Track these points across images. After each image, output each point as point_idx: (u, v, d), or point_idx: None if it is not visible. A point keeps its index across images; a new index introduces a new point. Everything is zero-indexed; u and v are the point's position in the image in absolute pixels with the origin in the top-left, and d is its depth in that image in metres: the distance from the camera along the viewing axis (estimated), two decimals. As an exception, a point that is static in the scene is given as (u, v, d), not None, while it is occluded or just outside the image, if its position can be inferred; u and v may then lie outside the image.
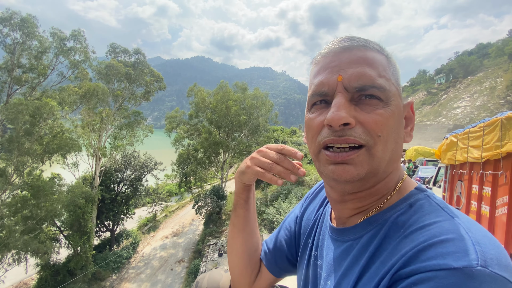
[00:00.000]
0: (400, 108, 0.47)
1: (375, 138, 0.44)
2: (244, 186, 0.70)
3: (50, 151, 13.28)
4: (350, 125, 0.44)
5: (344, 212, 0.55)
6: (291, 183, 13.79)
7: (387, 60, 0.48)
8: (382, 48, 0.49)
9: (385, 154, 0.45)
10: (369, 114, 0.44)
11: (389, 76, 0.46)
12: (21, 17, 12.79)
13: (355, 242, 0.50)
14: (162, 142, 30.08)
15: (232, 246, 0.76)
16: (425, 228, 0.40)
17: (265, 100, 23.17)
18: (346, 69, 0.45)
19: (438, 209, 0.43)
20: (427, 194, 0.48)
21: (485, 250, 0.34)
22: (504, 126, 2.38)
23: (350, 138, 0.44)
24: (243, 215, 0.73)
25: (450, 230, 0.37)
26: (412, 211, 0.45)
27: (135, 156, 21.07)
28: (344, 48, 0.47)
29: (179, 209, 27.86)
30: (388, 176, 0.49)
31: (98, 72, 17.62)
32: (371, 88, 0.44)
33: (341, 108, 0.44)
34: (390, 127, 0.45)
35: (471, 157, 3.02)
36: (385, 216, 0.47)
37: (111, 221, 19.46)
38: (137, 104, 20.45)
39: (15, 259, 12.09)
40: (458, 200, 3.70)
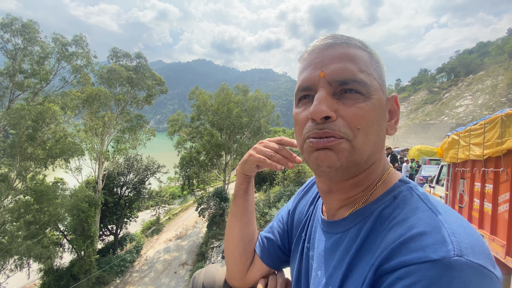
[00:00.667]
0: (382, 102, 0.49)
1: (354, 131, 0.46)
2: (244, 177, 0.75)
3: (53, 156, 13.35)
4: (331, 118, 0.46)
5: (332, 203, 0.57)
6: (294, 184, 13.92)
7: (369, 56, 0.50)
8: (365, 45, 0.51)
9: (366, 145, 0.47)
10: (350, 108, 0.46)
11: (370, 71, 0.48)
12: (22, 23, 12.89)
13: (344, 234, 0.52)
14: (165, 145, 30.17)
15: (229, 234, 0.79)
16: (406, 221, 0.42)
17: (266, 101, 23.22)
18: (328, 65, 0.48)
19: (419, 201, 0.45)
20: (409, 186, 0.49)
21: (460, 240, 0.36)
22: (504, 123, 2.36)
23: (330, 131, 0.46)
24: (241, 205, 0.77)
25: (428, 222, 0.39)
26: (395, 203, 0.47)
27: (138, 159, 21.15)
28: (327, 45, 0.50)
29: (182, 211, 27.88)
30: (370, 167, 0.51)
31: (100, 77, 17.73)
32: (352, 82, 0.46)
33: (322, 101, 0.46)
34: (370, 120, 0.47)
35: (473, 154, 3.00)
36: (371, 208, 0.49)
37: (114, 225, 19.50)
38: (139, 107, 20.57)
39: (17, 265, 11.99)
40: (461, 198, 3.67)
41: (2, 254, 10.68)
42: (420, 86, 79.28)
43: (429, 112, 56.52)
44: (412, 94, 77.96)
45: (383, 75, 0.51)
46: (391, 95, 0.53)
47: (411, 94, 79.38)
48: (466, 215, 3.36)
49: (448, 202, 4.15)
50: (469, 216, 3.29)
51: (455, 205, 3.78)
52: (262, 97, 23.05)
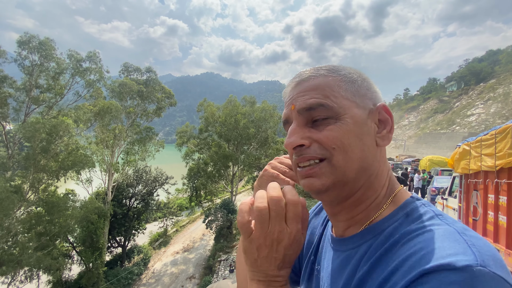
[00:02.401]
0: (358, 118, 0.50)
1: (330, 151, 0.48)
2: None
3: (65, 168, 13.65)
4: (305, 145, 0.50)
5: (339, 225, 0.57)
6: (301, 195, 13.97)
7: (338, 79, 0.52)
8: (333, 70, 0.54)
9: (348, 162, 0.48)
10: (321, 132, 0.49)
11: (338, 93, 0.51)
12: (39, 41, 13.54)
13: (353, 251, 0.51)
14: (173, 157, 30.47)
15: (241, 261, 0.79)
16: (422, 235, 0.41)
17: (273, 112, 23.33)
18: (297, 99, 0.52)
19: (434, 217, 0.45)
20: (422, 203, 0.49)
21: (481, 251, 0.36)
22: (516, 133, 2.31)
23: (307, 156, 0.50)
24: None
25: (446, 235, 0.39)
26: (409, 220, 0.47)
27: (147, 171, 21.35)
28: (296, 83, 0.55)
29: (189, 223, 27.75)
30: (365, 184, 0.51)
31: (111, 91, 18.27)
32: (318, 107, 0.49)
33: (291, 134, 0.51)
34: (345, 138, 0.48)
35: (485, 165, 2.91)
36: (383, 226, 0.49)
37: (122, 237, 19.51)
38: (149, 120, 20.99)
39: (27, 276, 12.12)
40: (475, 211, 3.54)
41: (13, 265, 10.79)
42: (430, 95, 78.23)
43: (439, 122, 55.55)
44: (422, 104, 77.03)
45: (363, 90, 0.53)
46: (377, 105, 0.53)
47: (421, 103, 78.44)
48: (481, 228, 3.22)
49: (462, 214, 4.00)
50: (484, 229, 3.15)
51: (469, 218, 3.64)
52: (269, 108, 23.21)
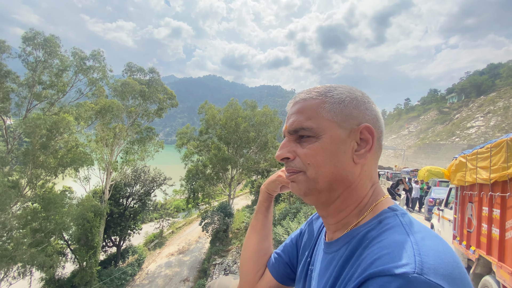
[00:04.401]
0: (336, 137, 0.57)
1: (306, 165, 0.57)
2: (268, 196, 0.90)
3: (64, 165, 13.63)
4: (289, 158, 0.60)
5: (330, 227, 0.64)
6: (300, 201, 13.79)
7: (321, 101, 0.59)
8: (322, 93, 0.60)
9: (320, 175, 0.57)
10: (303, 149, 0.58)
11: (320, 115, 0.58)
12: (44, 37, 13.59)
13: (336, 253, 0.58)
14: (172, 158, 30.45)
15: (247, 244, 0.89)
16: (381, 242, 0.47)
17: (274, 117, 23.42)
18: (288, 119, 0.62)
19: (399, 225, 0.50)
20: (395, 213, 0.55)
21: (425, 260, 0.40)
22: (510, 148, 2.34)
23: (290, 168, 0.60)
24: (261, 220, 0.89)
25: (398, 243, 0.44)
26: (379, 227, 0.52)
27: (145, 171, 21.27)
28: (292, 104, 0.64)
29: (186, 225, 27.60)
30: (342, 193, 0.59)
31: (114, 90, 18.30)
32: (301, 130, 0.58)
33: (282, 147, 0.61)
34: (320, 156, 0.56)
35: (480, 178, 2.95)
36: (358, 230, 0.55)
37: (118, 236, 19.35)
38: (149, 120, 21.00)
39: (20, 272, 11.99)
40: (470, 223, 3.56)
41: (7, 261, 10.70)
42: (430, 106, 78.46)
43: (439, 133, 55.67)
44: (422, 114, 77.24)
45: (348, 110, 0.58)
46: (360, 125, 0.58)
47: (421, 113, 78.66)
48: (475, 240, 3.24)
49: (457, 226, 4.02)
50: (478, 241, 3.17)
51: (464, 230, 3.66)
52: (270, 112, 23.30)
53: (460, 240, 3.91)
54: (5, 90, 12.74)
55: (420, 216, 12.03)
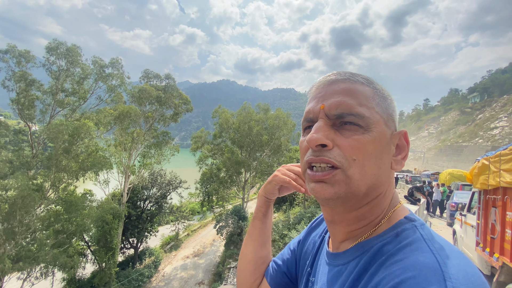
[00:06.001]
0: (385, 136, 0.50)
1: (349, 161, 0.47)
2: (265, 200, 0.81)
3: (85, 168, 14.15)
4: (327, 147, 0.48)
5: (337, 235, 0.57)
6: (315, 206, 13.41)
7: (372, 91, 0.52)
8: (369, 81, 0.53)
9: (363, 177, 0.47)
10: (347, 139, 0.48)
11: (371, 105, 0.50)
12: (67, 47, 14.32)
13: (344, 267, 0.52)
14: (187, 161, 30.95)
15: (243, 252, 0.84)
16: (403, 261, 0.40)
17: (287, 120, 23.32)
18: (328, 99, 0.51)
19: (420, 240, 0.44)
20: (414, 224, 0.48)
21: (456, 286, 0.35)
22: (535, 149, 2.21)
23: (325, 158, 0.48)
24: (259, 227, 0.82)
25: (424, 264, 0.38)
26: (397, 240, 0.46)
27: (162, 174, 21.67)
28: (331, 81, 0.53)
29: (201, 228, 27.84)
30: (373, 200, 0.51)
31: (131, 96, 18.89)
32: (349, 116, 0.48)
33: (318, 130, 0.49)
34: (368, 152, 0.47)
35: (504, 181, 2.79)
36: (372, 243, 0.49)
37: (135, 238, 19.76)
38: (165, 125, 21.47)
39: (43, 272, 12.38)
40: (493, 228, 3.38)
41: (30, 261, 11.18)
42: (451, 106, 75.65)
43: (461, 134, 53.35)
44: (443, 115, 74.47)
45: (390, 110, 0.53)
46: (399, 130, 0.53)
47: (441, 114, 75.89)
48: (498, 246, 3.05)
49: (480, 232, 3.81)
50: (501, 248, 2.98)
51: (487, 236, 3.46)
52: (283, 115, 23.23)
53: (483, 246, 3.70)
54: (30, 98, 13.50)
55: (441, 222, 11.52)
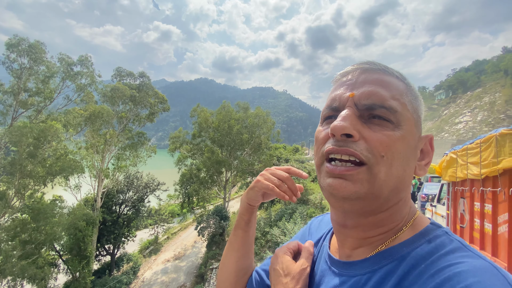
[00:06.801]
0: (414, 136, 0.46)
1: (377, 158, 0.42)
2: (248, 207, 0.74)
3: (53, 173, 13.31)
4: (353, 138, 0.43)
5: (347, 241, 0.52)
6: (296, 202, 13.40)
7: (406, 87, 0.48)
8: (403, 77, 0.49)
9: (389, 178, 0.43)
10: (375, 133, 0.43)
11: (404, 101, 0.46)
12: (29, 43, 13.28)
13: (365, 276, 0.45)
14: (166, 162, 30.17)
15: (224, 263, 0.77)
16: (456, 266, 0.36)
17: (266, 118, 23.42)
18: (359, 88, 0.46)
19: (462, 247, 0.40)
20: (445, 231, 0.45)
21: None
22: (499, 143, 2.37)
23: (350, 150, 0.43)
24: (241, 236, 0.75)
25: (485, 269, 0.35)
26: (432, 247, 0.41)
27: (138, 176, 20.99)
28: (363, 70, 0.49)
29: (181, 230, 27.30)
30: (394, 206, 0.46)
31: (103, 95, 18.05)
32: (380, 108, 0.44)
33: (346, 118, 0.44)
34: (397, 151, 0.43)
35: (471, 173, 2.98)
36: (402, 251, 0.44)
37: (111, 244, 18.99)
38: (141, 125, 20.76)
39: (10, 286, 11.56)
40: (462, 218, 3.61)
41: (-5, 275, 10.36)
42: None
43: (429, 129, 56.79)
44: (412, 111, 78.84)
45: (420, 111, 0.49)
46: (426, 134, 0.50)
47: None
48: (468, 235, 3.28)
49: (450, 222, 4.07)
50: (471, 236, 3.20)
51: (457, 225, 3.71)
52: (263, 114, 23.29)
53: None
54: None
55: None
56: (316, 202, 20.73)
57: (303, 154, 59.69)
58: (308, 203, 19.89)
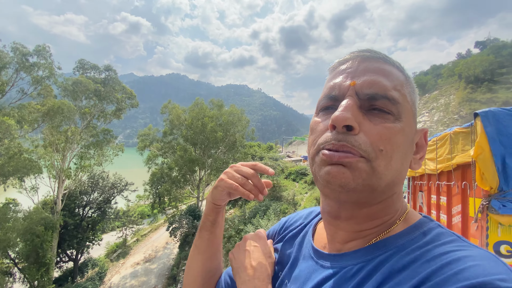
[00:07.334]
0: (412, 129, 0.46)
1: (376, 152, 0.41)
2: (213, 207, 0.69)
3: (5, 174, 12.16)
4: (353, 130, 0.41)
5: (339, 234, 0.50)
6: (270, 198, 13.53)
7: (405, 79, 0.47)
8: (402, 67, 0.48)
9: (388, 171, 0.42)
10: (376, 126, 0.42)
11: (404, 92, 0.45)
12: None
13: (356, 266, 0.44)
14: (134, 161, 28.87)
15: (190, 267, 0.73)
16: (454, 253, 0.36)
17: (241, 116, 23.37)
18: (360, 76, 0.44)
19: (457, 239, 0.40)
20: (438, 224, 0.45)
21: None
22: (453, 140, 2.60)
23: (348, 145, 0.41)
24: (207, 238, 0.71)
25: (484, 256, 0.35)
26: (429, 239, 0.41)
27: (104, 177, 19.87)
28: (363, 58, 0.47)
29: (152, 232, 26.36)
30: (388, 199, 0.46)
31: (64, 89, 16.78)
32: (383, 99, 0.42)
33: (347, 109, 0.42)
34: (396, 144, 0.42)
35: (428, 169, 3.24)
36: (396, 242, 0.44)
37: (74, 250, 17.82)
38: (107, 121, 19.61)
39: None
40: (420, 210, 3.91)
41: None
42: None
43: (392, 128, 60.88)
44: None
45: (416, 104, 0.48)
46: (421, 128, 0.50)
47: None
48: (426, 226, 3.57)
49: (410, 213, 4.40)
50: (428, 227, 3.49)
51: (416, 217, 4.03)
52: (237, 112, 23.21)
53: (413, 226, 4.27)
54: None
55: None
56: (289, 199, 21.19)
57: (277, 152, 60.66)
58: (281, 199, 20.26)
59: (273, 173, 0.63)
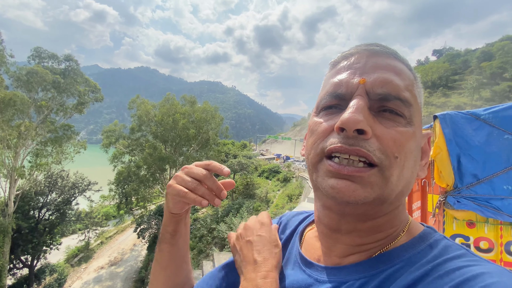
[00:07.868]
0: (421, 134, 0.42)
1: (391, 159, 0.37)
2: (171, 217, 0.59)
3: None
4: (366, 134, 0.37)
5: (337, 247, 0.45)
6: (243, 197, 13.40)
7: (414, 78, 0.43)
8: (410, 66, 0.44)
9: (399, 181, 0.38)
10: (388, 130, 0.38)
11: (415, 93, 0.42)
12: None
13: (358, 282, 0.40)
14: (98, 159, 27.21)
15: (153, 283, 0.65)
16: (468, 268, 0.34)
17: (215, 113, 23.04)
18: (370, 73, 0.40)
19: (467, 253, 0.37)
20: (443, 236, 0.42)
21: None
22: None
23: (362, 150, 0.37)
24: (167, 251, 0.62)
25: (499, 271, 0.32)
26: (437, 252, 0.38)
27: (63, 176, 18.55)
28: (372, 52, 0.42)
29: (118, 234, 25.13)
30: (393, 211, 0.42)
31: (16, 79, 15.35)
32: (395, 100, 0.39)
33: (359, 110, 0.37)
34: (409, 150, 0.39)
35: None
36: (401, 255, 0.40)
37: (29, 255, 16.49)
38: (67, 116, 18.23)
39: None
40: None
41: None
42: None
43: (360, 128, 64.56)
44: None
45: (421, 106, 0.45)
46: (426, 132, 0.46)
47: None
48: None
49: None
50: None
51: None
52: (211, 109, 22.84)
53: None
54: None
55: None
56: (262, 196, 21.41)
57: (251, 150, 60.98)
58: (254, 197, 20.40)
59: (229, 172, 0.55)
